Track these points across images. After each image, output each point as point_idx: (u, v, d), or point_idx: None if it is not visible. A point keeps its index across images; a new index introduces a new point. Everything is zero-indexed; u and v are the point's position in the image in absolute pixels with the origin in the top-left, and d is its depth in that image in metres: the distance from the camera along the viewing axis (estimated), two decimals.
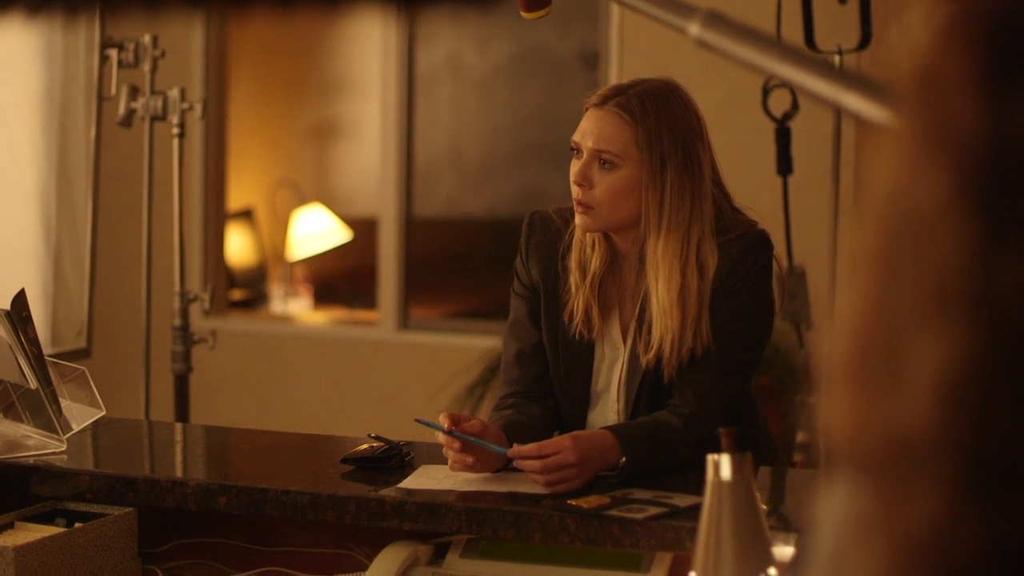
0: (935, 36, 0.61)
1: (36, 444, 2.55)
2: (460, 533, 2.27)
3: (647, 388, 2.49)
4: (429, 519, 2.25)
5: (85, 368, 2.60)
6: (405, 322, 5.94)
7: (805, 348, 3.92)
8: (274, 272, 6.97)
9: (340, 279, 7.04)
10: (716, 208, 2.49)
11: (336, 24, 6.64)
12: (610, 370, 2.55)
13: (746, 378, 2.54)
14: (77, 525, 2.36)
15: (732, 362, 2.47)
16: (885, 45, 3.64)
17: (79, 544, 2.31)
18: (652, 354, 2.47)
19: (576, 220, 2.50)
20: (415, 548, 2.27)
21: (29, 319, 2.52)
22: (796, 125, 3.89)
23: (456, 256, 6.70)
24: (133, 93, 3.89)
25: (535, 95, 6.05)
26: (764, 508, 1.77)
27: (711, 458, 1.74)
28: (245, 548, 2.44)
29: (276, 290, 6.92)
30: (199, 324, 4.47)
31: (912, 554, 0.58)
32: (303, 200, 6.76)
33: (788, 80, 1.18)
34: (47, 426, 2.55)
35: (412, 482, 2.35)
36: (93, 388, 2.57)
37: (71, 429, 2.55)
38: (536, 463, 2.28)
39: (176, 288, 4.00)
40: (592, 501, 2.22)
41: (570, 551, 2.23)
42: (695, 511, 1.88)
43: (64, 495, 2.45)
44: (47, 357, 2.57)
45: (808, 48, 3.57)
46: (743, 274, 2.46)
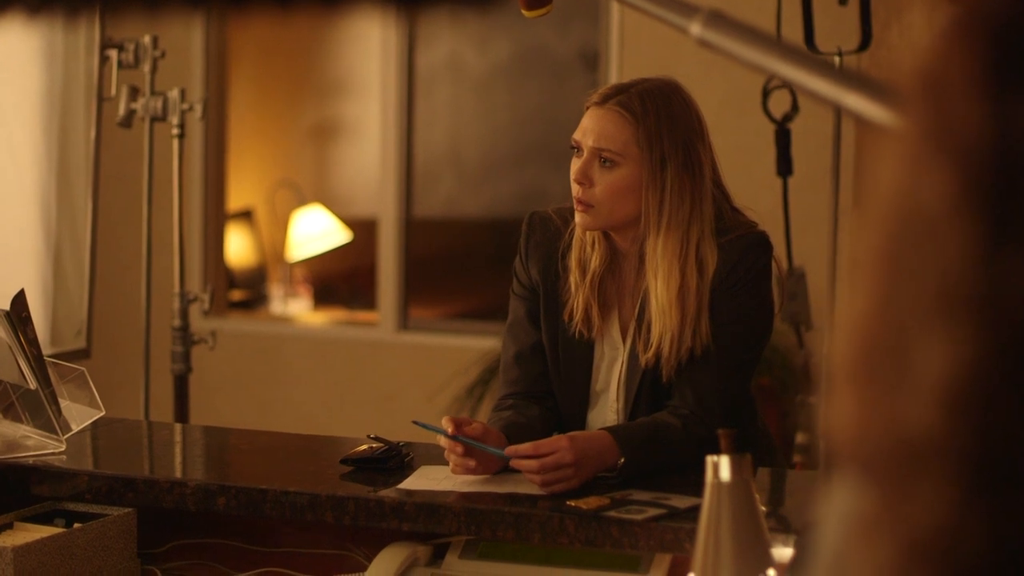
0: (939, 38, 0.61)
1: (35, 444, 2.55)
2: (459, 534, 2.27)
3: (646, 387, 2.49)
4: (428, 520, 2.25)
5: (84, 368, 2.60)
6: (404, 323, 5.93)
7: (805, 349, 3.92)
8: (274, 273, 6.96)
9: (340, 280, 7.03)
10: (716, 208, 2.49)
11: (336, 24, 6.63)
12: (609, 369, 2.55)
13: (746, 379, 2.54)
14: (76, 525, 2.36)
15: (732, 363, 2.47)
16: (885, 46, 3.64)
17: (78, 544, 2.31)
18: (651, 353, 2.47)
19: (576, 218, 2.50)
20: (414, 549, 2.27)
21: (29, 319, 2.52)
22: (796, 126, 3.89)
23: (455, 256, 6.69)
24: (133, 94, 3.89)
25: (535, 95, 6.05)
26: (763, 509, 1.77)
27: (710, 459, 1.74)
28: (244, 549, 2.44)
29: (276, 291, 6.91)
30: (199, 324, 4.47)
31: (916, 554, 0.58)
32: (303, 201, 6.76)
33: (790, 80, 1.18)
34: (46, 426, 2.55)
35: (411, 483, 2.34)
36: (92, 388, 2.57)
37: (70, 429, 2.55)
38: (532, 463, 2.28)
39: (176, 288, 4.00)
40: (591, 502, 2.21)
41: (569, 552, 2.23)
42: (694, 512, 1.88)
43: (63, 495, 2.45)
44: (47, 357, 2.57)
45: (808, 49, 3.57)
46: (743, 275, 2.46)
